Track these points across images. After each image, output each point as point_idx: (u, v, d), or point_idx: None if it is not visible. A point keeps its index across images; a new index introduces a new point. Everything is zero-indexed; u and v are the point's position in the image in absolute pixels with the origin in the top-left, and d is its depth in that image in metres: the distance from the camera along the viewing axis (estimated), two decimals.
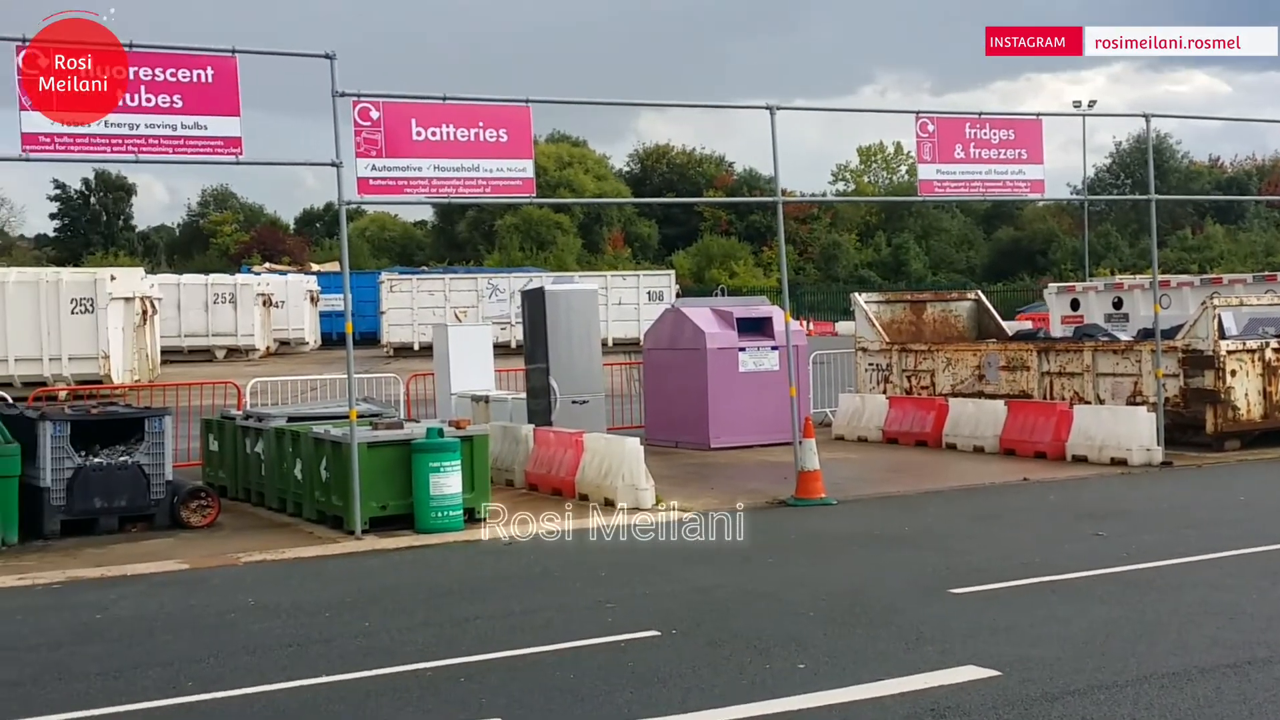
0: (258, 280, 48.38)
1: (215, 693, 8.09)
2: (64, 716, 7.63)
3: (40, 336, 30.36)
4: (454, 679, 8.31)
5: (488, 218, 77.79)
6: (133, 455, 13.95)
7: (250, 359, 43.60)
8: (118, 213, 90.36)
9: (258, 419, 16.08)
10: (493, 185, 15.06)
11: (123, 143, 13.08)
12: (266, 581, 11.65)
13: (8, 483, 13.16)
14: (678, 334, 21.28)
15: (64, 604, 10.81)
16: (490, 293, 48.14)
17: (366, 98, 14.28)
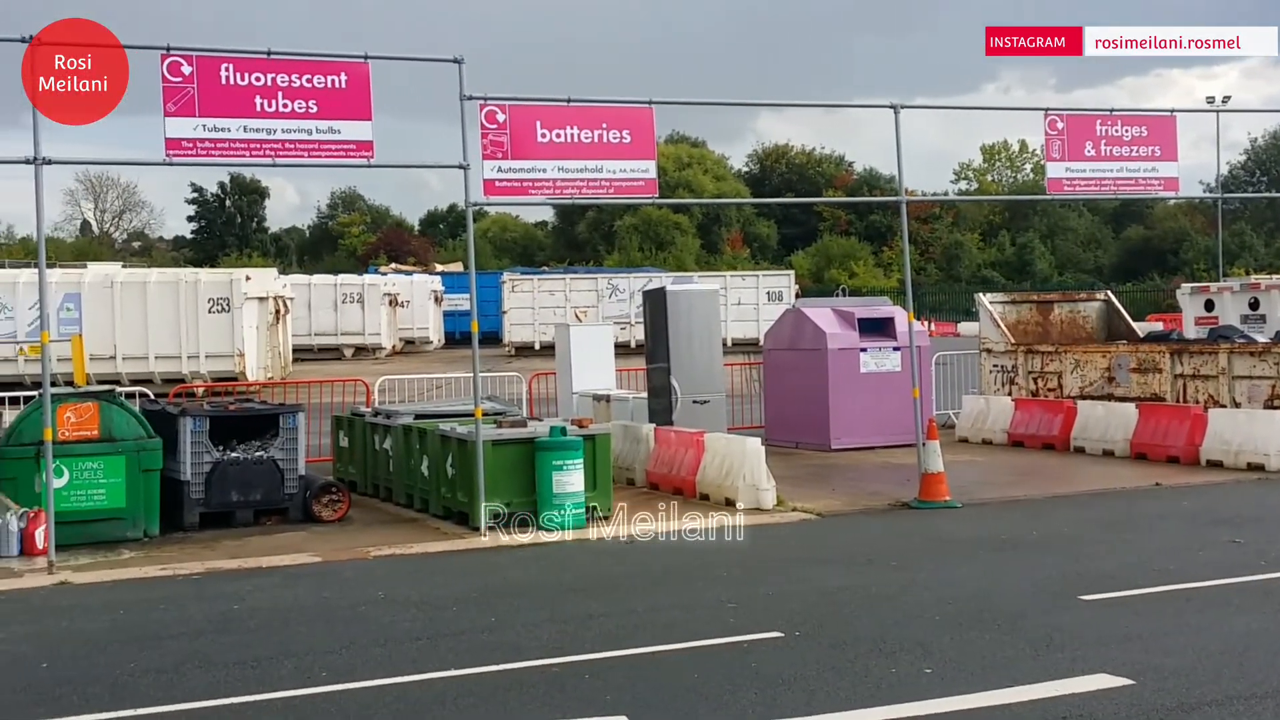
0: (384, 280, 49.25)
1: (348, 684, 8.29)
2: (205, 704, 7.89)
3: (179, 335, 31.33)
4: (579, 675, 8.40)
5: (607, 218, 78.20)
6: (268, 450, 14.34)
7: (377, 357, 44.42)
8: (251, 215, 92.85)
9: (386, 416, 16.41)
10: (615, 186, 15.18)
11: (261, 147, 13.46)
12: (395, 575, 11.90)
13: (150, 476, 13.63)
14: (798, 334, 21.20)
15: (203, 594, 11.17)
16: (610, 293, 48.39)
17: (493, 101, 14.49)
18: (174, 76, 13.09)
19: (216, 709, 7.80)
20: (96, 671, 8.65)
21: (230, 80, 13.33)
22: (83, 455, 13.32)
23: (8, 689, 8.27)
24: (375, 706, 7.86)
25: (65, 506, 12.89)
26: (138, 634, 9.76)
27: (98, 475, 13.35)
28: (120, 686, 8.30)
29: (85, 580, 11.77)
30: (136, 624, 10.13)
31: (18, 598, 11.18)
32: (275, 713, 7.74)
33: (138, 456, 13.56)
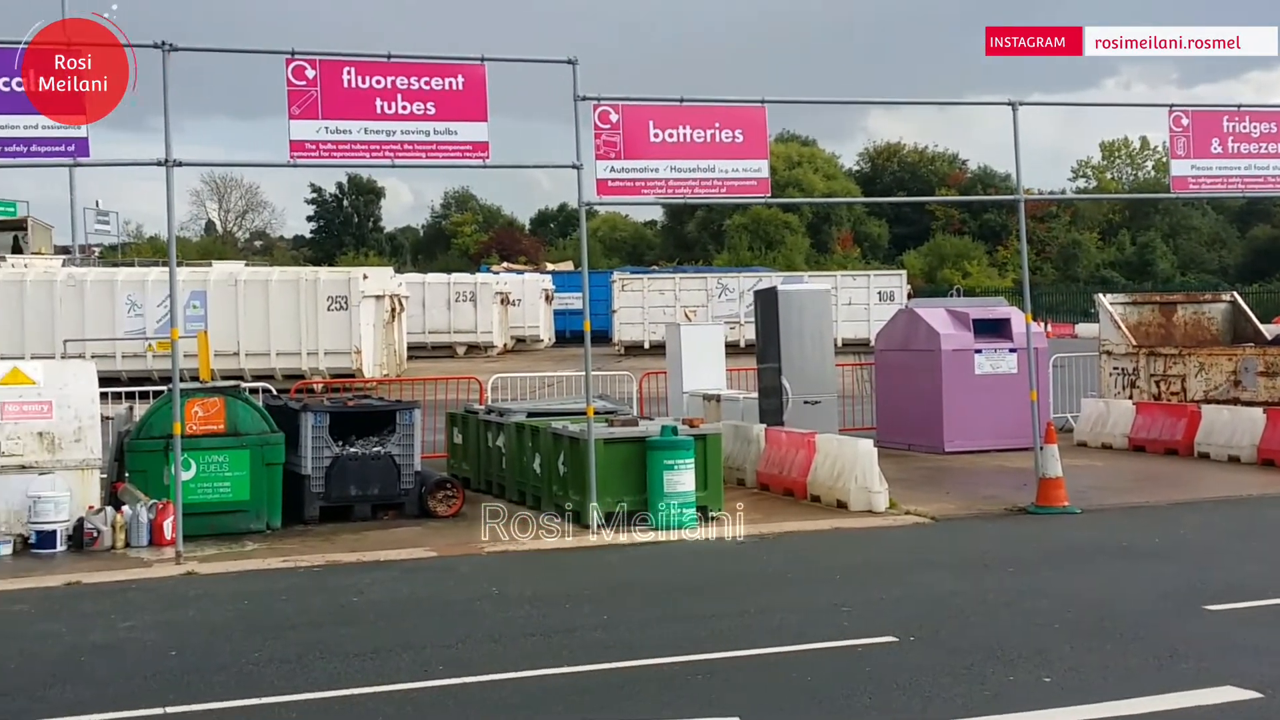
0: (496, 279, 49.74)
1: (463, 677, 8.41)
2: (327, 694, 8.06)
3: (299, 332, 32.01)
4: (692, 676, 8.42)
5: (717, 217, 78.12)
6: (385, 446, 14.59)
7: (488, 355, 44.89)
8: (368, 215, 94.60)
9: (499, 414, 16.59)
10: (728, 185, 15.18)
11: (380, 148, 13.71)
12: (509, 571, 12.04)
13: (273, 470, 13.96)
14: (911, 335, 20.98)
15: (324, 586, 11.42)
16: (720, 292, 48.29)
17: (606, 101, 14.58)
18: (298, 80, 13.39)
19: (338, 699, 7.97)
20: (223, 660, 8.88)
21: (352, 83, 13.60)
22: (209, 449, 13.69)
23: (139, 676, 8.53)
24: (491, 701, 7.97)
25: (192, 498, 13.26)
26: (262, 624, 10.02)
27: (223, 468, 13.72)
28: (245, 675, 8.51)
29: (211, 571, 12.09)
30: (260, 614, 10.39)
31: (148, 587, 11.53)
32: (394, 704, 7.87)
33: (261, 451, 13.89)
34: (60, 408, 13.45)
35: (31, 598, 11.07)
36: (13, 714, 7.74)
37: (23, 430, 13.28)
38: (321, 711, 7.76)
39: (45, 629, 9.96)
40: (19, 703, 7.96)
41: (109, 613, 10.43)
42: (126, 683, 8.37)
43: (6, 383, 13.46)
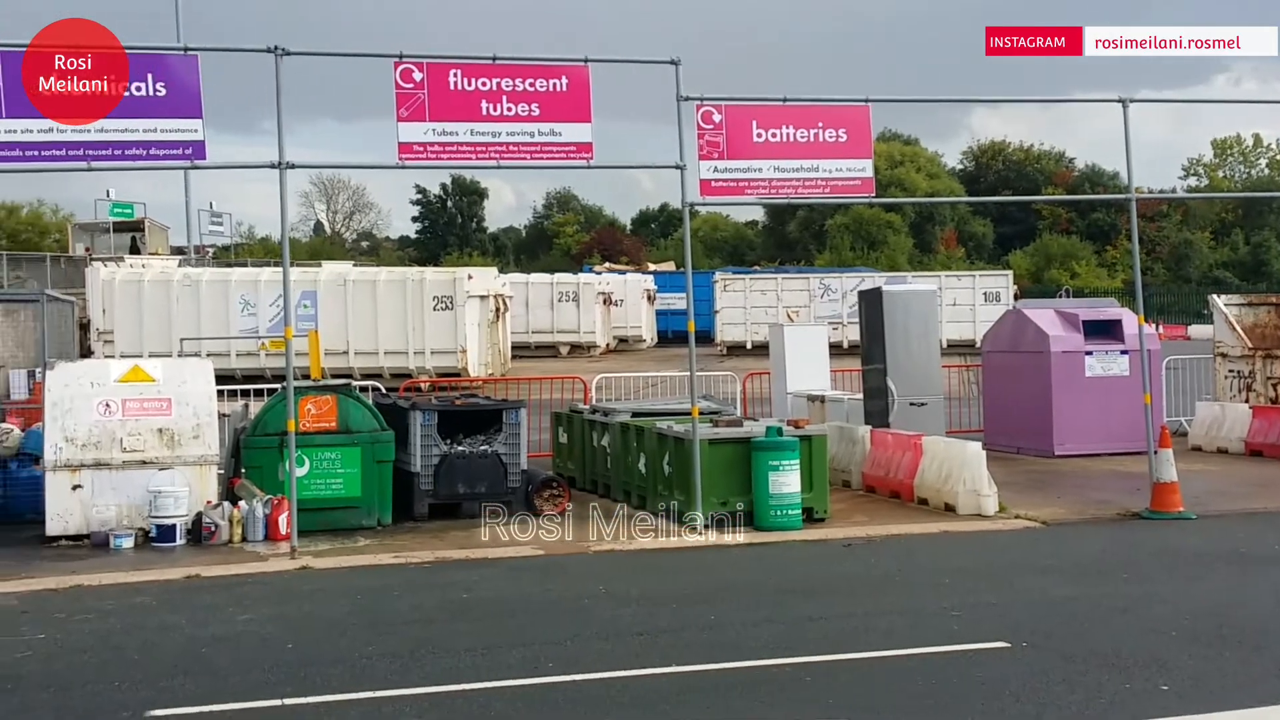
0: (599, 279, 50.01)
1: (574, 675, 8.48)
2: (440, 689, 8.18)
3: (406, 331, 32.48)
4: (799, 678, 8.40)
5: (818, 217, 77.70)
6: (492, 445, 14.74)
7: (591, 355, 45.13)
8: (471, 215, 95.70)
9: (604, 413, 16.68)
10: (832, 185, 15.11)
11: (486, 149, 13.87)
12: (615, 571, 12.10)
13: (383, 467, 14.19)
14: (1019, 336, 20.67)
15: (434, 582, 11.58)
16: (822, 292, 48.04)
17: (709, 101, 14.59)
18: (406, 83, 13.60)
19: (450, 694, 8.08)
20: (337, 654, 9.05)
21: (458, 86, 13.77)
22: (322, 446, 13.96)
23: (258, 668, 8.73)
24: (601, 699, 8.02)
25: (306, 494, 13.53)
26: (374, 619, 10.18)
27: (335, 465, 13.97)
28: (359, 669, 8.67)
29: (325, 565, 12.33)
30: (373, 609, 10.56)
31: (264, 580, 11.79)
32: (505, 699, 7.96)
33: (372, 448, 14.13)
34: (179, 405, 13.81)
35: (152, 590, 11.38)
36: (138, 703, 7.96)
37: (143, 427, 13.65)
38: (434, 706, 7.87)
39: (166, 621, 10.23)
40: (143, 693, 8.19)
41: (227, 606, 10.68)
42: (245, 675, 8.57)
43: (128, 380, 13.86)
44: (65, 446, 13.43)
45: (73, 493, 13.38)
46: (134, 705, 7.92)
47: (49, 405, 13.63)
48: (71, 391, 13.63)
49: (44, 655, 9.16)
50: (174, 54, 13.11)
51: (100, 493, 13.44)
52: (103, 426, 13.55)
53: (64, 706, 7.93)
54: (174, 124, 12.84)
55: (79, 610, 10.57)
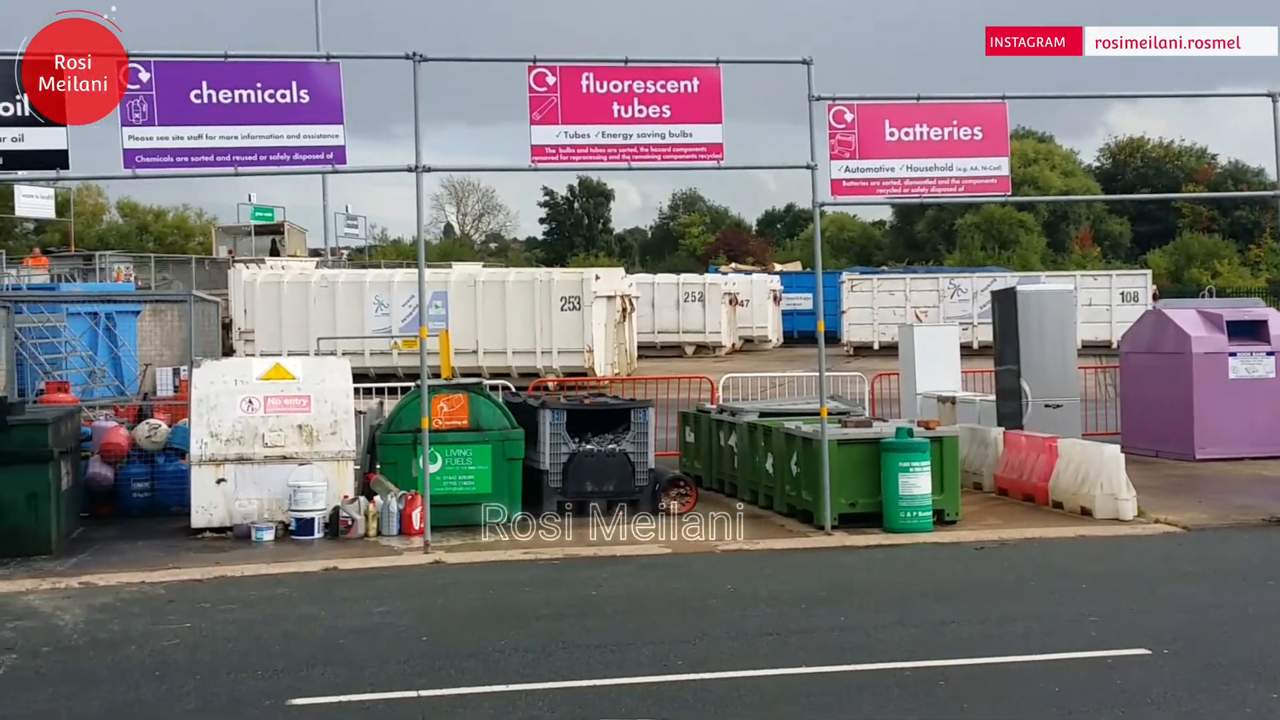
0: (725, 280, 49.98)
1: (702, 674, 8.51)
2: (570, 684, 8.28)
3: (534, 331, 32.86)
4: (932, 681, 8.32)
5: (948, 217, 76.49)
6: (620, 443, 14.84)
7: (716, 355, 45.12)
8: (598, 216, 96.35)
9: (731, 413, 16.68)
10: (966, 184, 14.92)
11: (618, 151, 13.97)
12: (743, 570, 12.10)
13: (513, 465, 14.39)
14: (1159, 337, 20.15)
15: (563, 579, 11.71)
16: (952, 293, 47.36)
17: (841, 101, 14.50)
18: (539, 87, 13.76)
19: (581, 690, 8.17)
20: (470, 647, 9.21)
21: (590, 89, 13.90)
22: (454, 443, 14.19)
23: (394, 660, 8.93)
24: (730, 698, 8.04)
25: (438, 490, 13.77)
26: (506, 613, 10.34)
27: (467, 462, 14.20)
28: (492, 663, 8.81)
29: (457, 560, 12.54)
30: (505, 604, 10.72)
31: (399, 574, 12.05)
32: (635, 697, 8.03)
33: (502, 446, 14.34)
34: (318, 402, 14.16)
35: (292, 582, 11.70)
36: (279, 692, 8.20)
37: (284, 423, 14.03)
38: (565, 700, 7.96)
39: (305, 612, 10.51)
40: (285, 681, 8.44)
41: (364, 598, 10.94)
42: (381, 666, 8.77)
43: (269, 378, 14.26)
44: (210, 442, 13.87)
45: (217, 486, 13.81)
46: (275, 694, 8.16)
47: (195, 402, 14.08)
48: (216, 389, 14.07)
49: (190, 644, 9.48)
50: (316, 62, 13.45)
51: (243, 487, 13.85)
52: (245, 423, 13.96)
53: (209, 694, 8.20)
54: (316, 130, 13.18)
55: (223, 600, 10.92)
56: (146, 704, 8.03)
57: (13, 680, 8.56)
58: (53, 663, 8.98)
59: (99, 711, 7.85)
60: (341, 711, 7.86)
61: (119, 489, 15.19)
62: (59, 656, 9.15)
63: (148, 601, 10.94)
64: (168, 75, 12.92)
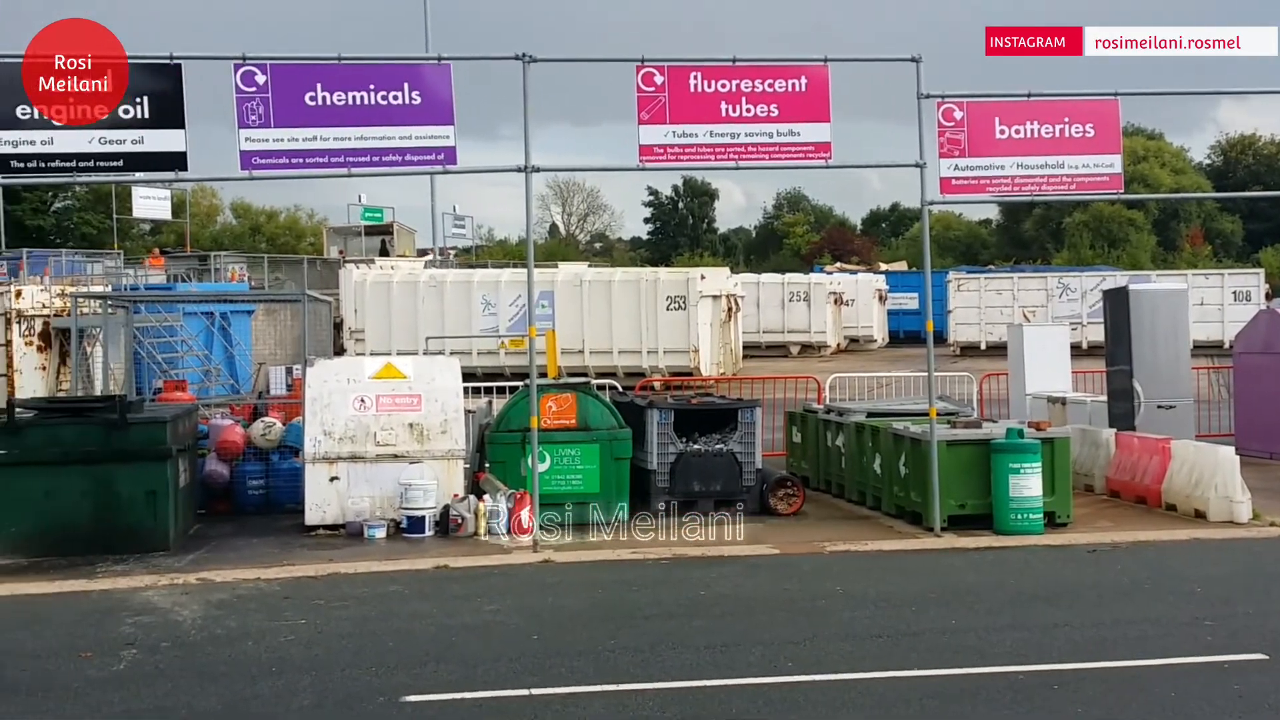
0: (830, 279, 49.71)
1: (813, 675, 8.50)
2: (680, 684, 8.32)
3: (639, 331, 32.95)
4: (1046, 685, 8.22)
5: (1055, 215, 75.18)
6: (727, 443, 14.84)
7: (821, 355, 44.88)
8: (702, 216, 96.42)
9: (838, 413, 16.58)
10: (1077, 182, 14.69)
11: (725, 151, 13.97)
12: (852, 571, 12.04)
13: (621, 464, 14.45)
14: (1274, 337, 19.61)
15: (672, 579, 11.74)
16: (1060, 292, 46.56)
17: (951, 99, 14.35)
18: (647, 86, 13.81)
19: (690, 690, 8.21)
20: (580, 646, 9.29)
21: (698, 88, 13.91)
22: (562, 443, 14.31)
23: (505, 657, 9.03)
24: (840, 701, 8.02)
25: (546, 489, 13.89)
26: (615, 613, 10.41)
27: (575, 461, 14.31)
28: (602, 661, 8.88)
29: (566, 559, 12.63)
30: (613, 603, 10.79)
31: (508, 572, 12.17)
32: (745, 698, 8.04)
33: (610, 445, 14.41)
34: (429, 401, 14.36)
35: (404, 579, 11.88)
36: (393, 688, 8.34)
37: (395, 422, 14.26)
38: (676, 700, 8.00)
39: (418, 609, 10.67)
40: (398, 678, 8.58)
41: (474, 596, 11.08)
42: (493, 664, 8.88)
43: (381, 377, 14.49)
44: (323, 440, 14.14)
45: (330, 484, 14.08)
46: (389, 690, 8.30)
47: (308, 400, 14.37)
48: (329, 387, 14.33)
49: (305, 640, 9.68)
50: (428, 63, 13.66)
51: (355, 484, 14.09)
52: (358, 421, 14.21)
53: (325, 689, 8.37)
54: (427, 130, 13.37)
55: (336, 597, 11.12)
56: (264, 699, 8.22)
57: (134, 675, 8.81)
58: (172, 658, 9.23)
59: (218, 707, 8.05)
60: (455, 709, 7.97)
61: (234, 486, 15.56)
62: (178, 652, 9.40)
63: (264, 598, 11.19)
64: (283, 78, 13.19)
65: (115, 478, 12.99)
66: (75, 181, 15.10)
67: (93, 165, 12.92)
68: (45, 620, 10.51)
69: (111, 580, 11.89)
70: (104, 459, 12.97)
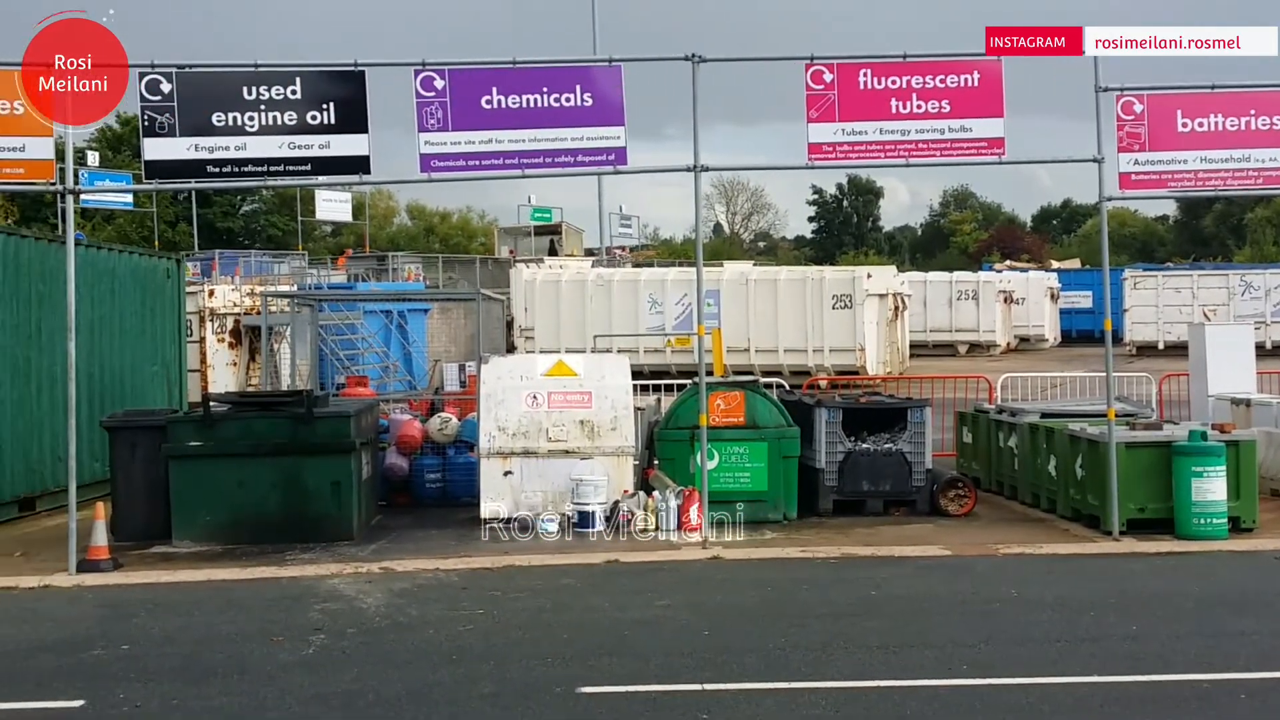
0: (999, 277, 48.77)
1: (989, 679, 8.39)
2: (852, 684, 8.29)
3: (805, 329, 32.83)
4: (1233, 695, 8.00)
5: (1236, 210, 72.50)
6: (896, 443, 14.72)
7: (990, 354, 44.07)
8: (867, 214, 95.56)
9: (1010, 414, 16.29)
10: (1265, 176, 14.20)
11: (895, 148, 13.85)
12: (1026, 574, 11.82)
13: (789, 463, 14.46)
14: None
15: (841, 578, 11.70)
16: (1243, 290, 44.84)
17: (1130, 91, 13.99)
18: (816, 84, 13.78)
19: (863, 690, 8.18)
20: (751, 643, 9.33)
21: (868, 85, 13.83)
22: (730, 440, 14.36)
23: (677, 652, 9.13)
24: (1019, 706, 7.90)
25: (715, 487, 13.97)
26: (785, 611, 10.41)
27: (743, 459, 14.36)
28: (772, 659, 8.91)
29: (734, 556, 12.69)
30: (783, 601, 10.80)
31: (677, 568, 12.28)
32: (919, 700, 7.98)
33: (778, 443, 14.42)
34: (599, 398, 14.57)
35: (576, 572, 12.08)
36: (569, 679, 8.50)
37: (566, 418, 14.50)
38: (849, 700, 7.99)
39: (590, 602, 10.86)
40: (574, 670, 8.74)
41: (645, 590, 11.21)
42: (666, 658, 8.98)
43: (553, 374, 14.76)
44: (498, 435, 14.46)
45: (504, 479, 14.38)
46: (565, 681, 8.46)
47: (483, 397, 14.70)
48: (503, 384, 14.65)
49: (483, 630, 9.93)
50: (599, 65, 13.86)
51: (528, 479, 14.38)
52: (530, 417, 14.49)
53: (503, 679, 8.57)
54: (599, 132, 13.56)
55: (512, 589, 11.38)
56: (445, 686, 8.46)
57: (322, 660, 9.16)
58: (357, 644, 9.56)
59: (402, 693, 8.31)
60: (629, 701, 8.10)
61: (413, 479, 16.02)
62: (363, 638, 9.72)
63: (442, 588, 11.51)
64: (460, 83, 13.52)
65: (302, 469, 13.52)
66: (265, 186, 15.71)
67: (283, 169, 13.48)
68: (239, 605, 11.00)
69: (299, 568, 12.38)
70: (292, 451, 13.51)
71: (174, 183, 13.56)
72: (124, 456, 14.09)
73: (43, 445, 16.05)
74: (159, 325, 19.17)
